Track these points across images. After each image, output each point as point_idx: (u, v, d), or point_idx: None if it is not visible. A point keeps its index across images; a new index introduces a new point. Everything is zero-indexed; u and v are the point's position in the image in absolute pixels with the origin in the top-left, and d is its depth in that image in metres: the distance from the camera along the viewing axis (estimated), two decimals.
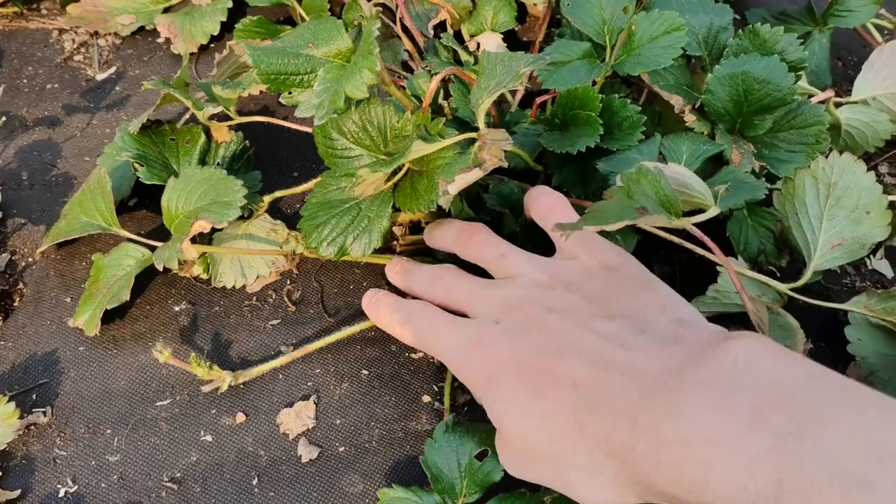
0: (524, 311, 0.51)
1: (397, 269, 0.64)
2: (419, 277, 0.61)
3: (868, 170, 0.83)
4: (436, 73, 0.63)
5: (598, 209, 0.51)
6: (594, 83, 0.68)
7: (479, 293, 0.56)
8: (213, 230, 0.67)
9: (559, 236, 0.49)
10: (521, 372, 0.48)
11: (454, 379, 0.64)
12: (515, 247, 0.58)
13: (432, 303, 0.58)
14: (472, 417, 0.61)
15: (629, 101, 0.64)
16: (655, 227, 0.63)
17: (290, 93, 0.63)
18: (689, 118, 0.67)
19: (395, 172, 0.61)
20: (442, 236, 0.62)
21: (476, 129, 0.58)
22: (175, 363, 0.60)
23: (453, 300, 0.57)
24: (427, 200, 0.56)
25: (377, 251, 0.60)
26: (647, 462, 0.41)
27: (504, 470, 0.53)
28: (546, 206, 0.59)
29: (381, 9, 0.81)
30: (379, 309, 0.61)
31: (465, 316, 0.56)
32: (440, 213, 0.65)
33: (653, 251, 0.68)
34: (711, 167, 0.64)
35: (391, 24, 0.79)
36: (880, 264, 0.76)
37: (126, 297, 0.63)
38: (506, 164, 0.56)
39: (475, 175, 0.56)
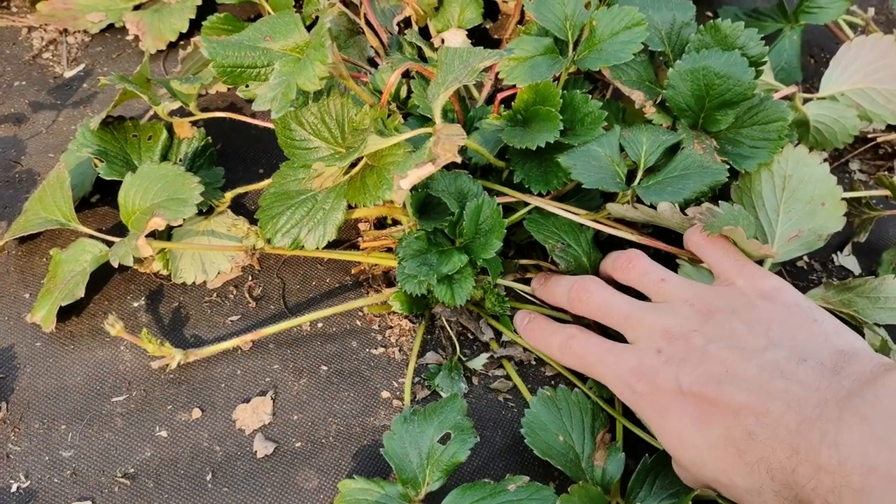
0: (686, 342, 0.52)
1: (542, 282, 0.65)
2: (566, 289, 0.61)
3: (838, 167, 0.84)
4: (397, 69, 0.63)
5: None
6: (556, 79, 0.68)
7: (637, 315, 0.57)
8: (173, 226, 0.66)
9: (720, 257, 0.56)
10: (684, 402, 0.50)
11: (414, 374, 0.64)
12: (675, 273, 0.60)
13: (580, 314, 0.61)
14: None
15: (590, 96, 0.64)
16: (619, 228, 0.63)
17: (247, 86, 0.63)
18: (650, 111, 0.67)
19: (352, 166, 0.61)
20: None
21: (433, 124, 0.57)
22: (126, 337, 0.60)
23: (609, 317, 0.58)
24: (374, 196, 0.56)
25: (339, 247, 0.60)
26: (807, 487, 0.43)
27: (472, 449, 0.55)
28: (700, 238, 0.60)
29: (339, 4, 0.80)
30: (534, 332, 0.63)
31: (618, 334, 0.58)
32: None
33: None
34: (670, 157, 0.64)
35: (357, 19, 0.79)
36: (847, 260, 0.76)
37: (81, 293, 0.62)
38: (459, 160, 0.55)
39: (428, 170, 0.55)
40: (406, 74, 0.73)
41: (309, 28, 0.61)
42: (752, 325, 0.52)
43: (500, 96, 0.68)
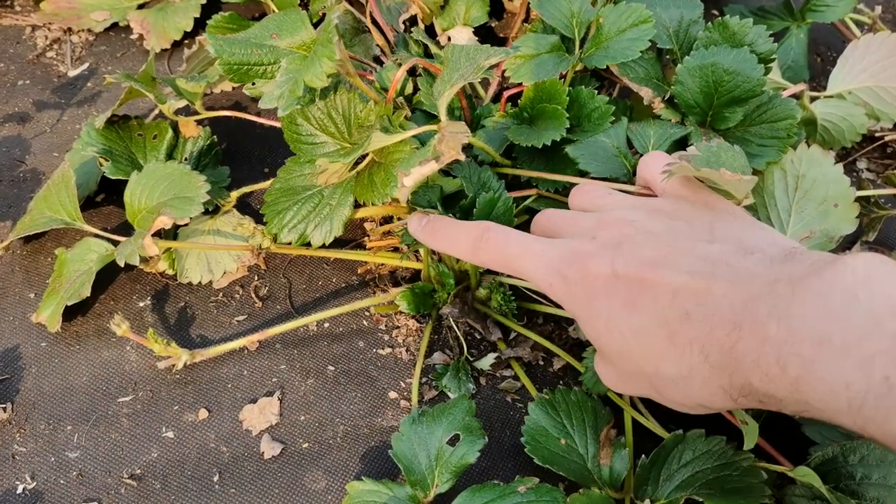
0: (622, 228, 0.49)
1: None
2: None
3: (846, 165, 0.83)
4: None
5: (703, 156, 0.50)
6: (563, 77, 0.68)
7: (572, 217, 0.53)
8: (179, 225, 0.66)
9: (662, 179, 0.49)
10: (617, 285, 0.46)
11: (421, 375, 0.64)
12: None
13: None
14: None
15: (597, 92, 0.64)
16: None
17: (253, 84, 0.62)
18: (658, 106, 0.66)
19: (358, 162, 0.60)
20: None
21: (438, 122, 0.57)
22: (133, 337, 0.59)
23: (544, 228, 0.54)
24: (382, 193, 0.56)
25: (345, 247, 0.59)
26: (746, 361, 0.40)
27: (481, 451, 0.54)
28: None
29: (344, 2, 0.80)
30: (437, 231, 0.56)
31: None
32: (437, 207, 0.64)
33: None
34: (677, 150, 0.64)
35: (363, 18, 0.78)
36: None
37: (87, 292, 0.62)
38: (463, 157, 0.55)
39: (431, 168, 0.55)
40: (412, 72, 0.73)
41: (315, 26, 0.61)
42: (694, 223, 0.49)
43: (506, 94, 0.68)
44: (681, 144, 0.64)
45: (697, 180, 0.51)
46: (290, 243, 0.62)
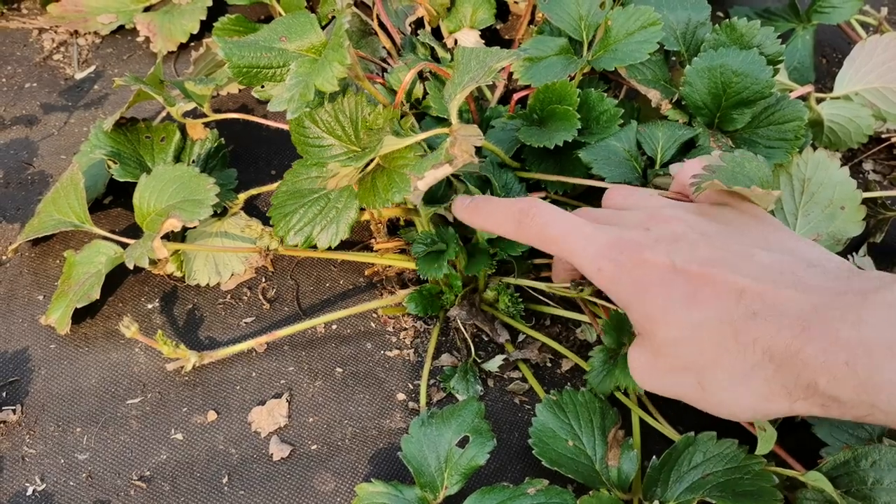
0: (674, 225, 0.48)
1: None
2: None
3: (852, 167, 0.83)
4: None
5: (728, 168, 0.50)
6: (571, 79, 0.68)
7: (616, 211, 0.52)
8: (187, 227, 0.66)
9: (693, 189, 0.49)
10: (677, 279, 0.46)
11: (429, 377, 0.64)
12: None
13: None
14: None
15: (605, 94, 0.64)
16: None
17: (262, 87, 0.62)
18: (666, 107, 0.66)
19: (366, 165, 0.60)
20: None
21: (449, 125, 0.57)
22: (141, 339, 0.60)
23: (592, 216, 0.53)
24: (384, 198, 0.56)
25: (352, 249, 0.59)
26: (815, 363, 0.41)
27: (490, 453, 0.54)
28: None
29: (354, 5, 0.80)
30: (480, 210, 0.56)
31: None
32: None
33: None
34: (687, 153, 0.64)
35: (369, 20, 0.78)
36: (863, 261, 0.75)
37: (96, 295, 0.62)
38: (476, 160, 0.55)
39: (445, 171, 0.55)
40: (419, 76, 0.73)
41: (323, 28, 0.61)
42: (746, 231, 0.49)
43: (516, 96, 0.68)
44: (689, 146, 0.64)
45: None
46: (296, 246, 0.62)
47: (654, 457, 0.56)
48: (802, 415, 0.44)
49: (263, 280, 0.69)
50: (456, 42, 0.79)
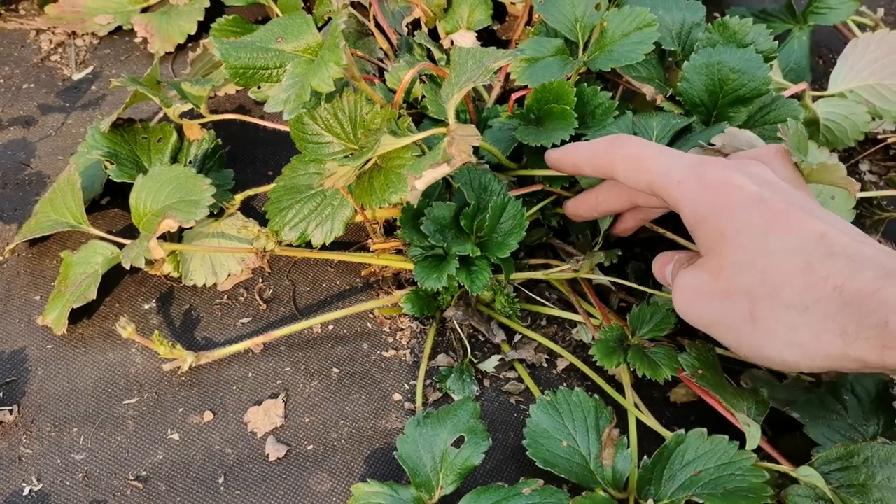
0: (761, 169, 0.50)
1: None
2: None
3: (849, 167, 0.84)
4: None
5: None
6: (567, 79, 0.68)
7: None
8: (184, 228, 0.66)
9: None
10: (761, 207, 0.47)
11: (425, 377, 0.64)
12: None
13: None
14: None
15: (599, 88, 0.64)
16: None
17: (259, 88, 0.62)
18: (660, 100, 0.67)
19: (364, 165, 0.61)
20: None
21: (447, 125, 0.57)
22: (138, 339, 0.60)
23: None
24: (381, 198, 0.56)
25: (349, 249, 0.60)
26: (891, 303, 0.41)
27: (486, 453, 0.54)
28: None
29: (350, 6, 0.80)
30: (567, 152, 0.59)
31: None
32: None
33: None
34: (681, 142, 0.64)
35: (366, 21, 0.78)
36: None
37: (93, 295, 0.62)
38: (474, 160, 0.55)
39: (443, 170, 0.55)
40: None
41: (319, 29, 0.61)
42: (809, 197, 0.51)
43: (514, 96, 0.68)
44: (683, 135, 0.64)
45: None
46: (291, 243, 0.62)
47: (644, 456, 0.56)
48: (851, 362, 0.43)
49: (260, 280, 0.69)
50: (452, 43, 0.79)
